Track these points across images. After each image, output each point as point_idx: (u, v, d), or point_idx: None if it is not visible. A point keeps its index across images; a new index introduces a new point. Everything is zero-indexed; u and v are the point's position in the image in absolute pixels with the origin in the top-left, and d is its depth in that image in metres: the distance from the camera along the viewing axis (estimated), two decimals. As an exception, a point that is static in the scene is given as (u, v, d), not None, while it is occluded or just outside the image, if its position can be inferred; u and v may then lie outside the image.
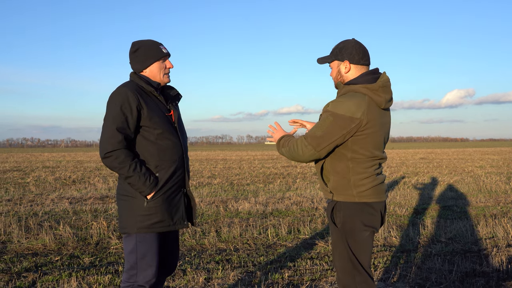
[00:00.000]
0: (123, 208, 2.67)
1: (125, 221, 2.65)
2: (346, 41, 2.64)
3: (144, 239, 2.63)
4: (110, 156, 2.55)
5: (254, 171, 18.30)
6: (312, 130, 2.51)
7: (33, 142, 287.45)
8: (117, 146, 2.55)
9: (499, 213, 7.70)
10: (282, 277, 4.34)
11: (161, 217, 2.64)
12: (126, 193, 2.65)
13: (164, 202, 2.65)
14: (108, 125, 2.57)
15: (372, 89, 2.52)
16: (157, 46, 2.75)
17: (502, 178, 13.75)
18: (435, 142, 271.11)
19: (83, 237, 6.02)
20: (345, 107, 2.44)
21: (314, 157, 2.52)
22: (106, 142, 2.56)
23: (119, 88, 2.65)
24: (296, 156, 2.55)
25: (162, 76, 2.76)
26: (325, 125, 2.46)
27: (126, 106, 2.57)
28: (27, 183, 13.47)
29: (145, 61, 2.73)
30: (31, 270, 4.59)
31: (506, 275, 4.37)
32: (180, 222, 2.73)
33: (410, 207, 8.34)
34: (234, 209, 8.25)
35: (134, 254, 2.63)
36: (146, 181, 2.57)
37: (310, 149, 2.49)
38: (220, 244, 5.65)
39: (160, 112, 2.69)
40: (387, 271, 4.54)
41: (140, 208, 2.61)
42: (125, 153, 2.56)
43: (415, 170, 17.71)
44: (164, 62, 2.77)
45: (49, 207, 8.68)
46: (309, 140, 2.49)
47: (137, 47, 2.75)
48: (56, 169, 20.20)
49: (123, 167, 2.55)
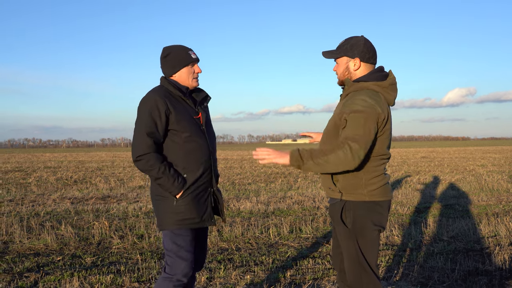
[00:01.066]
0: (157, 207, 2.83)
1: (160, 219, 2.80)
2: (356, 38, 2.61)
3: (179, 235, 2.77)
4: (141, 160, 2.70)
5: (255, 170, 18.30)
6: (350, 132, 2.40)
7: (35, 142, 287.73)
8: (147, 150, 2.69)
9: (501, 211, 7.68)
10: (284, 276, 4.33)
11: (190, 215, 2.78)
12: (159, 193, 2.80)
13: (192, 201, 2.78)
14: (139, 130, 2.72)
15: (382, 86, 2.52)
16: (186, 52, 2.86)
17: (504, 177, 13.72)
18: (436, 141, 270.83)
19: (85, 237, 6.02)
20: (369, 104, 2.41)
21: (362, 159, 2.41)
22: (137, 146, 2.72)
23: (149, 94, 2.77)
24: (347, 164, 2.39)
25: (191, 81, 2.88)
26: (361, 124, 2.38)
27: (155, 112, 2.70)
28: (29, 184, 13.47)
29: (174, 67, 2.85)
30: (33, 270, 4.59)
31: (509, 273, 4.36)
32: (208, 220, 2.87)
33: (412, 206, 8.33)
34: (236, 209, 8.24)
35: (171, 249, 2.77)
36: (175, 182, 2.71)
37: (362, 150, 2.38)
38: (222, 244, 5.64)
39: (188, 115, 2.80)
40: (389, 270, 4.53)
41: (171, 206, 2.76)
42: (154, 156, 2.70)
43: (416, 169, 17.69)
44: (193, 67, 2.88)
45: (51, 207, 8.68)
46: (357, 141, 2.37)
47: (168, 53, 2.86)
48: (58, 169, 20.22)
49: (152, 170, 2.69)
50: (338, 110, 2.56)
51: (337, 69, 2.68)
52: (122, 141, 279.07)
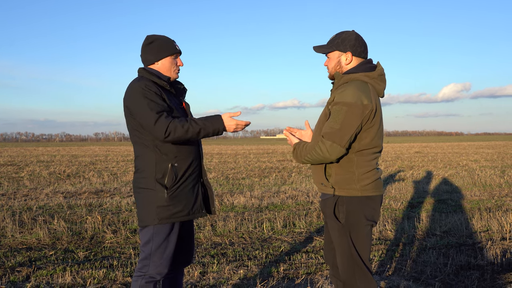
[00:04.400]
0: (141, 200, 2.68)
1: (145, 213, 2.66)
2: (347, 32, 2.60)
3: (161, 231, 2.65)
4: (169, 134, 2.53)
5: (249, 165, 18.29)
6: (328, 126, 2.42)
7: (28, 136, 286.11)
8: (166, 123, 2.52)
9: (493, 206, 7.73)
10: (277, 271, 4.33)
11: (182, 207, 2.67)
12: (144, 185, 2.66)
13: (183, 192, 2.68)
14: (147, 114, 2.55)
15: (371, 77, 2.53)
16: (171, 42, 2.80)
17: (497, 172, 13.81)
18: (430, 136, 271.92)
19: (78, 231, 5.99)
20: (355, 95, 2.39)
21: (342, 153, 2.42)
22: (156, 129, 2.54)
23: (133, 83, 2.65)
24: (324, 159, 2.45)
25: (172, 72, 2.80)
26: (341, 117, 2.38)
27: (149, 92, 2.57)
28: (21, 178, 13.40)
29: (158, 53, 2.75)
30: (25, 264, 4.57)
31: (501, 268, 4.39)
32: (199, 211, 2.78)
33: (405, 200, 8.36)
34: (230, 203, 8.24)
35: (149, 245, 2.66)
36: (213, 119, 2.61)
37: (336, 147, 2.39)
38: (215, 238, 5.63)
39: (176, 104, 2.75)
40: (382, 264, 4.55)
41: (161, 199, 2.63)
42: (177, 122, 2.54)
43: (410, 164, 17.75)
44: (176, 59, 2.81)
45: (44, 201, 8.64)
46: (331, 137, 2.39)
47: (152, 40, 2.77)
48: (51, 164, 20.11)
49: (187, 132, 2.55)
50: (328, 103, 2.55)
51: (328, 64, 2.66)
52: (116, 135, 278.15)
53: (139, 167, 2.71)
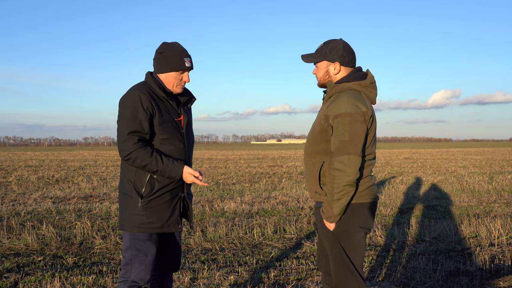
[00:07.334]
0: (122, 204, 2.72)
1: (122, 218, 2.70)
2: (335, 41, 2.61)
3: (139, 237, 2.66)
4: (129, 159, 2.57)
5: (240, 170, 18.28)
6: (337, 140, 2.39)
7: (16, 140, 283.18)
8: (132, 148, 2.55)
9: (482, 212, 7.80)
10: (268, 277, 4.33)
11: (153, 219, 2.65)
12: (125, 190, 2.69)
13: (157, 205, 2.66)
14: (122, 129, 2.58)
15: (364, 85, 2.55)
16: (182, 57, 2.71)
17: (485, 178, 13.94)
18: (419, 142, 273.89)
19: (67, 237, 5.94)
20: (352, 104, 2.40)
21: (360, 162, 2.39)
22: (121, 146, 2.58)
23: (132, 90, 2.64)
24: (348, 176, 2.36)
25: (174, 87, 2.75)
26: (347, 128, 2.37)
27: (139, 108, 2.56)
28: (9, 182, 13.25)
29: (163, 68, 2.71)
30: (13, 270, 4.51)
31: (489, 273, 4.43)
32: (174, 225, 2.74)
33: (395, 206, 8.41)
34: (220, 209, 8.22)
35: (129, 251, 2.67)
36: (174, 167, 2.60)
37: (353, 158, 2.36)
38: (205, 244, 5.62)
39: (170, 117, 2.70)
40: (372, 270, 4.56)
41: (135, 207, 2.64)
42: (142, 153, 2.55)
43: (399, 170, 17.86)
44: (182, 74, 2.74)
45: (32, 206, 8.55)
46: (345, 151, 2.36)
47: (163, 51, 2.72)
48: (39, 168, 19.93)
49: (145, 165, 2.56)
50: (322, 112, 2.55)
51: (316, 73, 2.67)
52: (105, 140, 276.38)
53: (123, 170, 2.73)
